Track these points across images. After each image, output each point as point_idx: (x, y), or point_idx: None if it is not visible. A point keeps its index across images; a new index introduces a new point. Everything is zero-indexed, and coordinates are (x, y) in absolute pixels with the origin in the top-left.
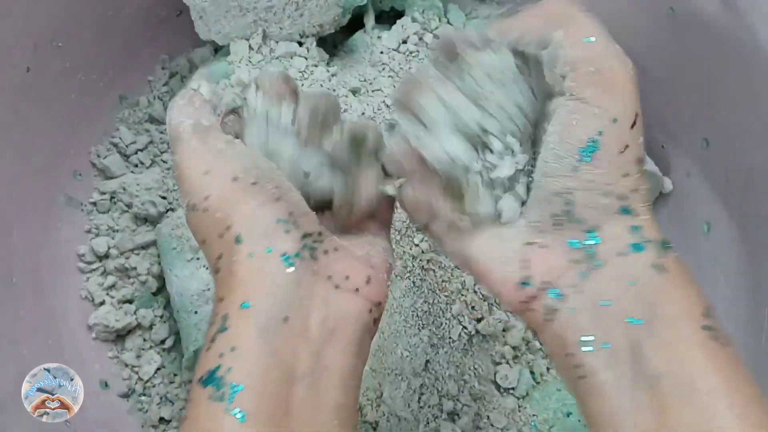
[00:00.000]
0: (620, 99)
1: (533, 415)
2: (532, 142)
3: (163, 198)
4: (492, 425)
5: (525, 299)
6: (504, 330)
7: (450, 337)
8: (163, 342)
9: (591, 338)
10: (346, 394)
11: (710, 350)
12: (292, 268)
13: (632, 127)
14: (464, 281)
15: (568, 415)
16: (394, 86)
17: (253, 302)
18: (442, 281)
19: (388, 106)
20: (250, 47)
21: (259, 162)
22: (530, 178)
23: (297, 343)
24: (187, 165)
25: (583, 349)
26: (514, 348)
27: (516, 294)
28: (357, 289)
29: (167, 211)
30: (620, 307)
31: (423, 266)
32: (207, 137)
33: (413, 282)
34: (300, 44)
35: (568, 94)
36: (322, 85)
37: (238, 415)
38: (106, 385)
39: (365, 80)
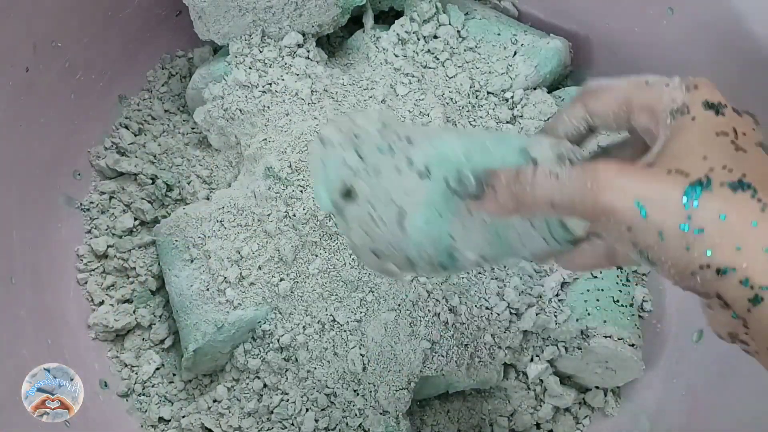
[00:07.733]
0: None
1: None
2: None
3: (163, 198)
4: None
5: None
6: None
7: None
8: (162, 342)
9: None
10: None
11: None
12: None
13: None
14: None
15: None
16: (392, 86)
17: None
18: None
19: (382, 101)
20: (249, 47)
21: None
22: None
23: None
24: None
25: None
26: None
27: None
28: None
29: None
30: None
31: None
32: None
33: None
34: (299, 45)
35: None
36: (321, 84)
37: None
38: (106, 384)
39: (364, 80)
